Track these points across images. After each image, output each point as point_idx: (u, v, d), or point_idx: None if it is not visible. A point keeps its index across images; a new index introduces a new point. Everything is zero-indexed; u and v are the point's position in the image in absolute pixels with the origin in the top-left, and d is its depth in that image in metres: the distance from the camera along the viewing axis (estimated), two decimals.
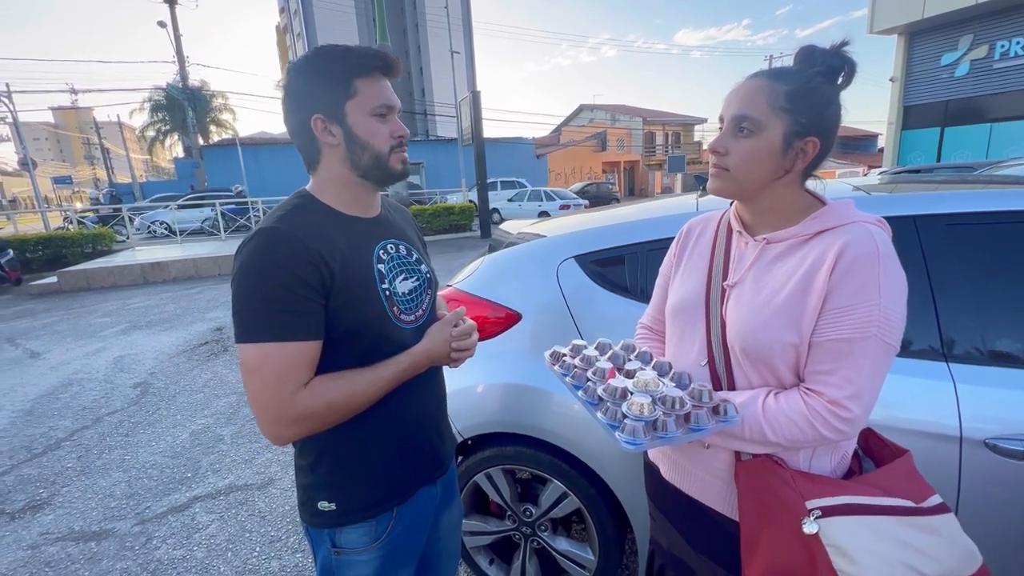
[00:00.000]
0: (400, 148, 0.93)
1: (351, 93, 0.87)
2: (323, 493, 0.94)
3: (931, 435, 1.19)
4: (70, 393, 4.15)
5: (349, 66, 0.87)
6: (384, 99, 0.89)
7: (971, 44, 11.77)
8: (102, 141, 38.02)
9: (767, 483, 0.81)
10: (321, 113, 0.87)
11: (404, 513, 0.99)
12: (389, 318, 0.93)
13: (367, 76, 0.88)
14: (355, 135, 0.88)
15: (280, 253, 0.80)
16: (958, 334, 1.24)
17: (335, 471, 0.94)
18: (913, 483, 0.80)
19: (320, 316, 0.83)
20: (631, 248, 1.61)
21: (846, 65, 0.82)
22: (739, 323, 0.85)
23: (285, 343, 0.79)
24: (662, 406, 0.77)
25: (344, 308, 0.86)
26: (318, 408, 0.82)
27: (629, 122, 39.55)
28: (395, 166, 0.93)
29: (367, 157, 0.90)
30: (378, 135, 0.89)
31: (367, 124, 0.88)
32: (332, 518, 0.94)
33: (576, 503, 1.62)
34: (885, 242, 0.78)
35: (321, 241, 0.84)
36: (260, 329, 0.79)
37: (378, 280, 0.92)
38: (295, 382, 0.80)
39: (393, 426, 0.96)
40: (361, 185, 0.94)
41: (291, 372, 0.80)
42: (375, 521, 0.95)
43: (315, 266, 0.82)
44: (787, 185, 0.86)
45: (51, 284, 8.89)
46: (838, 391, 0.76)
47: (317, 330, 0.83)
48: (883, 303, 0.74)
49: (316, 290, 0.82)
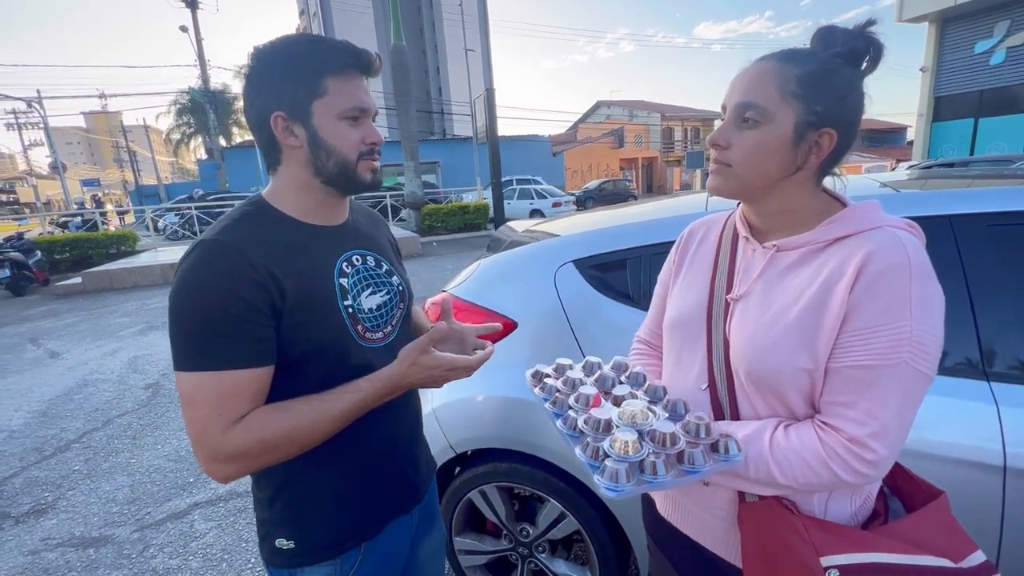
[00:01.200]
0: (371, 156, 0.83)
1: (320, 92, 0.76)
2: (281, 529, 0.85)
3: (969, 463, 1.05)
4: (84, 394, 4.19)
5: (321, 60, 0.76)
6: (357, 101, 0.79)
7: (1008, 30, 11.21)
8: (129, 144, 39.06)
9: (775, 531, 0.69)
10: (283, 111, 0.77)
11: (373, 549, 0.90)
12: (352, 337, 0.83)
13: (340, 74, 0.77)
14: (320, 138, 0.78)
15: (220, 270, 0.71)
16: (1001, 349, 1.10)
17: (293, 505, 0.84)
18: (951, 536, 0.68)
19: (268, 340, 0.74)
20: (634, 252, 1.50)
21: (872, 47, 0.69)
22: (744, 343, 0.74)
23: (220, 372, 0.70)
24: (651, 444, 0.66)
25: (299, 329, 0.76)
26: (251, 447, 0.71)
27: (647, 118, 38.99)
28: (363, 175, 0.83)
29: (332, 163, 0.80)
30: (347, 140, 0.79)
31: (335, 127, 0.78)
32: (290, 557, 0.85)
33: (575, 524, 1.52)
34: (917, 250, 0.66)
35: (270, 256, 0.75)
36: (194, 356, 0.70)
37: (339, 296, 0.82)
38: (229, 416, 0.70)
39: (358, 457, 0.86)
40: (325, 192, 0.84)
41: (226, 404, 0.70)
42: (340, 560, 0.86)
43: (261, 285, 0.72)
44: (800, 184, 0.74)
45: (76, 284, 9.10)
46: (859, 427, 0.64)
47: (262, 356, 0.73)
48: (915, 323, 0.62)
49: (262, 312, 0.72)
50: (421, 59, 43.15)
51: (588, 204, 20.19)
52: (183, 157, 35.29)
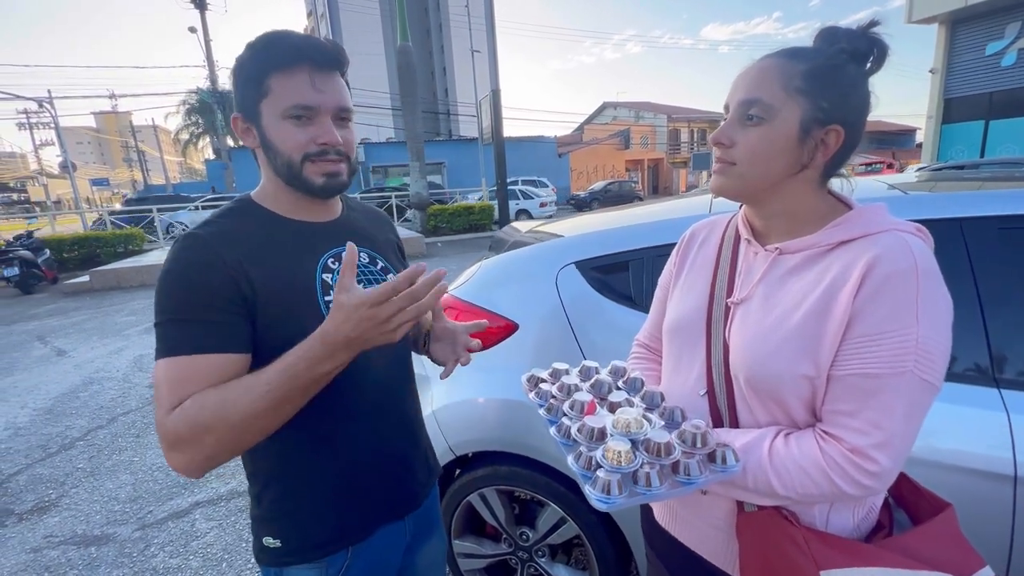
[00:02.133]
0: (321, 157, 0.78)
1: (264, 91, 0.75)
2: (268, 527, 0.84)
3: (978, 472, 1.02)
4: (90, 392, 4.22)
5: (266, 59, 0.75)
6: (298, 98, 0.75)
7: (1019, 32, 11.06)
8: (138, 144, 39.42)
9: (774, 543, 0.67)
10: (240, 112, 0.79)
11: (361, 555, 0.88)
12: None
13: (284, 71, 0.74)
14: (268, 139, 0.77)
15: (187, 261, 0.72)
16: (1013, 355, 1.07)
17: (280, 503, 0.84)
18: (957, 550, 0.66)
19: (234, 327, 0.72)
20: (636, 254, 1.48)
21: (875, 48, 0.67)
22: (744, 348, 0.72)
23: (174, 358, 0.69)
24: (645, 454, 0.64)
25: (274, 323, 0.75)
26: (181, 430, 0.66)
27: (653, 119, 38.87)
28: (311, 178, 0.78)
29: (280, 164, 0.78)
30: (288, 141, 0.76)
31: (278, 128, 0.76)
32: (277, 556, 0.84)
33: (575, 529, 1.50)
34: (925, 255, 0.63)
35: (243, 250, 0.75)
36: (160, 344, 0.70)
37: (320, 291, 0.81)
38: (171, 402, 0.67)
39: (345, 458, 0.85)
40: (293, 192, 0.83)
41: (176, 389, 0.68)
42: (326, 562, 0.85)
43: (230, 277, 0.72)
44: (805, 184, 0.72)
45: (84, 283, 9.18)
46: (862, 438, 0.62)
47: (223, 343, 0.71)
48: (921, 331, 0.60)
49: (229, 300, 0.72)
50: (428, 60, 43.26)
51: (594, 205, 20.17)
52: (191, 157, 35.54)
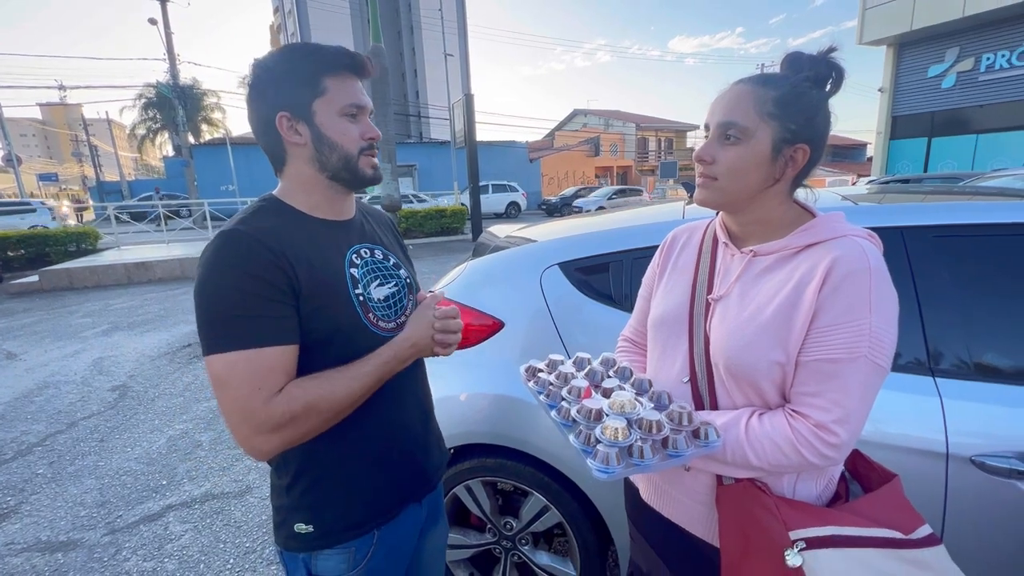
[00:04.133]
0: (370, 151, 0.89)
1: (320, 91, 0.83)
2: (300, 514, 0.88)
3: (917, 451, 1.16)
4: (45, 396, 4.03)
5: (318, 63, 0.83)
6: (355, 98, 0.86)
7: (958, 56, 11.96)
8: (90, 138, 37.50)
9: (749, 510, 0.77)
10: (287, 111, 0.83)
11: (386, 537, 0.93)
12: (365, 325, 0.88)
13: (337, 74, 0.84)
14: (323, 135, 0.84)
15: (241, 255, 0.76)
16: (945, 348, 1.21)
17: (312, 490, 0.88)
18: (902, 512, 0.77)
19: (291, 319, 0.79)
20: (616, 256, 1.57)
21: (834, 71, 0.79)
22: (723, 339, 0.81)
23: (252, 350, 0.74)
24: (638, 430, 0.73)
25: (314, 314, 0.81)
26: (296, 411, 0.76)
27: (623, 127, 39.76)
28: (365, 170, 0.89)
29: (336, 158, 0.86)
30: (348, 136, 0.86)
31: (336, 124, 0.85)
32: (309, 541, 0.88)
33: (557, 517, 1.58)
34: (877, 257, 0.74)
35: (285, 243, 0.80)
36: (224, 338, 0.74)
37: (351, 285, 0.87)
38: (269, 390, 0.75)
39: (372, 440, 0.91)
40: (331, 187, 0.89)
41: (263, 380, 0.74)
42: (354, 546, 0.90)
43: (279, 268, 0.77)
44: (776, 195, 0.82)
45: (32, 283, 8.70)
46: (825, 414, 0.72)
47: (288, 334, 0.78)
48: (874, 322, 0.71)
49: (284, 291, 0.77)
50: (399, 61, 42.88)
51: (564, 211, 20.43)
52: (148, 153, 34.07)
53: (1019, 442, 1.09)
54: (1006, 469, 1.07)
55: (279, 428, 0.76)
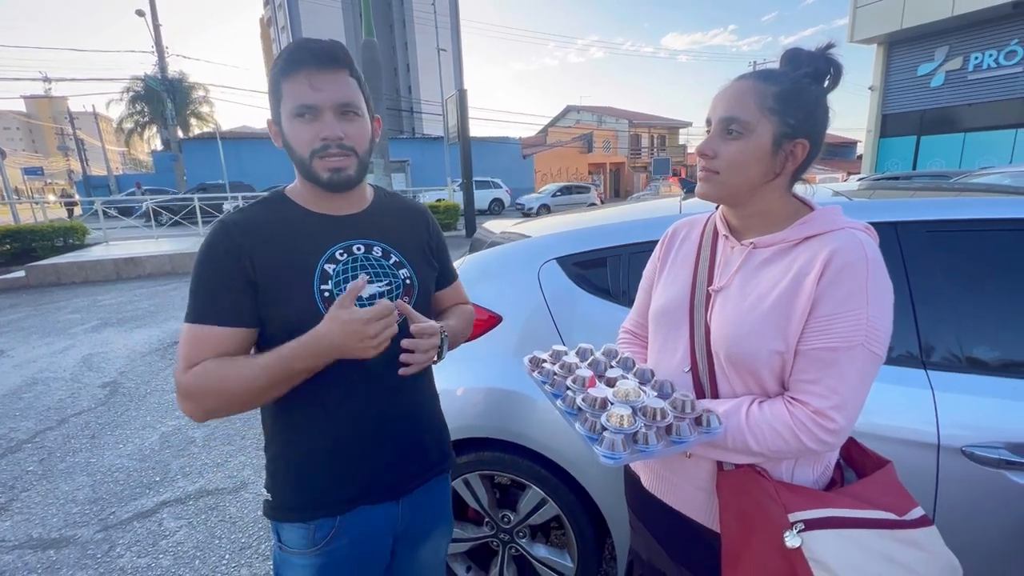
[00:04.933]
0: (325, 152, 0.84)
1: (279, 95, 0.85)
2: (266, 481, 0.97)
3: (910, 443, 1.18)
4: (34, 393, 3.98)
5: (279, 67, 0.85)
6: (299, 98, 0.81)
7: (947, 55, 12.10)
8: (76, 132, 36.88)
9: (749, 494, 0.78)
10: (272, 117, 0.90)
11: (349, 528, 0.93)
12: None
13: (290, 76, 0.83)
14: (286, 139, 0.88)
15: (211, 244, 0.85)
16: (937, 341, 1.24)
17: (274, 461, 0.95)
18: (896, 495, 0.79)
19: (239, 304, 0.84)
20: (614, 251, 1.59)
21: (832, 67, 0.80)
22: (724, 329, 0.83)
23: (194, 325, 0.83)
24: (643, 417, 0.74)
25: (270, 302, 0.86)
26: (191, 387, 0.81)
27: (615, 124, 39.81)
28: (318, 173, 0.86)
29: (296, 160, 0.89)
30: (298, 138, 0.85)
31: (290, 127, 0.86)
32: (269, 509, 0.95)
33: (555, 509, 1.59)
34: (873, 249, 0.76)
35: (255, 235, 0.86)
36: (188, 309, 0.84)
37: (318, 279, 0.87)
38: (190, 360, 0.82)
39: (328, 430, 0.92)
40: (314, 187, 0.91)
41: (191, 351, 0.82)
42: (313, 525, 0.92)
43: (235, 257, 0.83)
44: (776, 189, 0.84)
45: (18, 279, 8.56)
46: (823, 401, 0.73)
47: (227, 317, 0.83)
48: (870, 312, 0.72)
49: (236, 279, 0.83)
50: (391, 56, 42.62)
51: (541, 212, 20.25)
52: (136, 148, 33.58)
53: (1008, 433, 1.12)
54: (995, 459, 1.10)
55: (187, 397, 0.82)
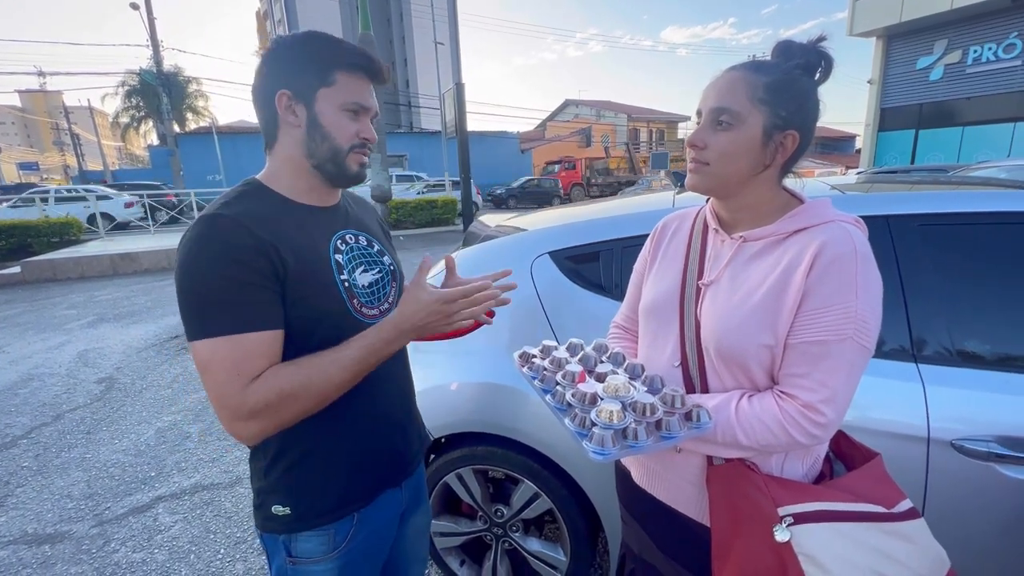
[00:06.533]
0: (361, 149, 0.89)
1: (328, 81, 0.83)
2: (277, 497, 0.88)
3: (900, 436, 1.18)
4: (29, 388, 3.97)
5: (335, 55, 0.84)
6: (360, 97, 0.86)
7: (946, 49, 12.06)
8: (72, 127, 36.65)
9: (739, 488, 0.78)
10: (289, 89, 0.83)
11: (366, 519, 0.94)
12: (349, 311, 0.88)
13: (350, 72, 0.85)
14: (319, 123, 0.84)
15: (224, 240, 0.75)
16: (928, 335, 1.24)
17: (289, 472, 0.88)
18: (884, 487, 0.79)
19: (275, 304, 0.78)
20: (606, 245, 1.58)
21: (823, 60, 0.80)
22: (714, 323, 0.82)
23: (234, 336, 0.74)
24: (633, 413, 0.74)
25: (300, 300, 0.81)
26: (271, 398, 0.74)
27: (614, 118, 39.66)
28: (351, 166, 0.89)
29: (325, 148, 0.86)
30: (343, 130, 0.85)
31: (335, 116, 0.85)
32: (287, 523, 0.88)
33: (548, 504, 1.59)
34: (863, 242, 0.76)
35: (269, 228, 0.79)
36: (208, 324, 0.74)
37: (336, 271, 0.87)
38: (247, 375, 0.74)
39: (350, 425, 0.91)
40: (314, 176, 0.89)
41: (241, 366, 0.74)
42: (333, 528, 0.90)
43: (264, 254, 0.76)
44: (766, 181, 0.83)
45: (14, 274, 8.53)
46: (812, 395, 0.73)
47: (270, 320, 0.77)
48: (860, 304, 0.72)
49: (267, 276, 0.77)
50: (388, 50, 42.32)
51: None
52: (132, 142, 33.38)
53: (998, 426, 1.12)
54: (984, 452, 1.10)
55: (255, 415, 0.75)
